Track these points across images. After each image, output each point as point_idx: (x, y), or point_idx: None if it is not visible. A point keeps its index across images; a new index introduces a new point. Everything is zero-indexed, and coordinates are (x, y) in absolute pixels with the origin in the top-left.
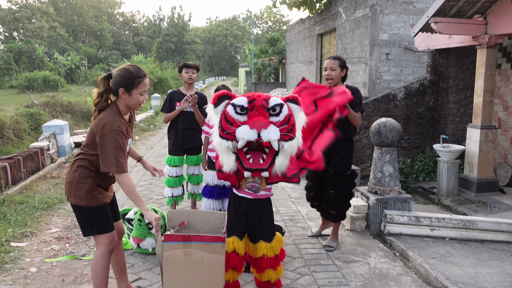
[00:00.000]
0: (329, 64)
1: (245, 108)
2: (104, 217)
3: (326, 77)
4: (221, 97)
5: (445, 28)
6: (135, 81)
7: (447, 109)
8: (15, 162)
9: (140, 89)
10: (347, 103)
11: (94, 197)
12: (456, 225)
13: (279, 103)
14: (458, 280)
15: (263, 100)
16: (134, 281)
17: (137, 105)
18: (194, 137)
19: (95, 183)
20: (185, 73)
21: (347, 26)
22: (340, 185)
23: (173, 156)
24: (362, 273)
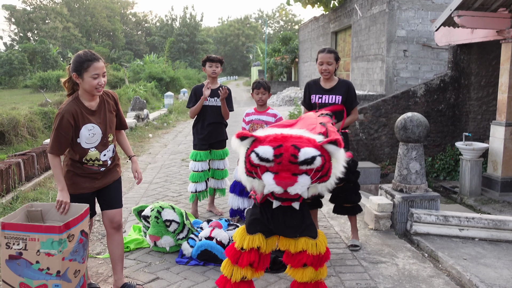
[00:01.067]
0: (326, 58)
1: (270, 160)
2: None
3: (322, 71)
4: (244, 137)
5: (469, 22)
6: (84, 64)
7: (468, 106)
8: (28, 158)
9: (91, 72)
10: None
11: (69, 186)
12: (486, 225)
13: (310, 156)
14: (494, 283)
15: (291, 156)
16: (151, 281)
17: (92, 88)
18: (220, 131)
19: (71, 171)
20: (209, 67)
21: (363, 23)
22: (348, 175)
23: (199, 150)
24: (391, 275)
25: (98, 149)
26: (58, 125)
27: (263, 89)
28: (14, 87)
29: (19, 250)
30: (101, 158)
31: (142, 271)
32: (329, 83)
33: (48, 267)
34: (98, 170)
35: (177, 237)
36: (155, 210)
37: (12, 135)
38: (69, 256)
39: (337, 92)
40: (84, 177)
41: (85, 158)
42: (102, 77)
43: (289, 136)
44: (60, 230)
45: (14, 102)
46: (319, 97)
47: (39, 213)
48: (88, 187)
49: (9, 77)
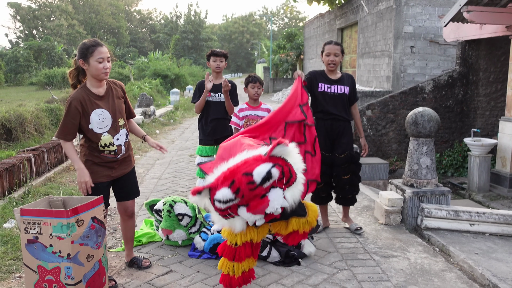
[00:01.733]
0: (333, 49)
1: (233, 199)
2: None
3: (329, 62)
4: (199, 192)
5: (478, 17)
6: (90, 49)
7: (476, 102)
8: (39, 153)
9: (96, 56)
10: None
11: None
12: (497, 220)
13: (265, 173)
14: (506, 277)
15: (248, 184)
16: (165, 274)
17: (98, 72)
18: (225, 127)
19: (89, 161)
20: (213, 61)
21: (370, 19)
22: (355, 168)
23: (204, 145)
24: (403, 269)
25: (110, 133)
26: (66, 111)
27: (258, 83)
28: (20, 85)
29: (35, 234)
30: (114, 143)
31: (155, 264)
32: (334, 74)
33: (59, 250)
34: (115, 158)
35: (190, 231)
36: (168, 204)
37: (19, 132)
38: (79, 240)
39: (345, 83)
40: (102, 166)
41: (100, 143)
42: (107, 62)
43: (235, 168)
44: (68, 214)
45: (20, 99)
46: (328, 86)
47: (60, 203)
48: (106, 176)
49: (14, 74)
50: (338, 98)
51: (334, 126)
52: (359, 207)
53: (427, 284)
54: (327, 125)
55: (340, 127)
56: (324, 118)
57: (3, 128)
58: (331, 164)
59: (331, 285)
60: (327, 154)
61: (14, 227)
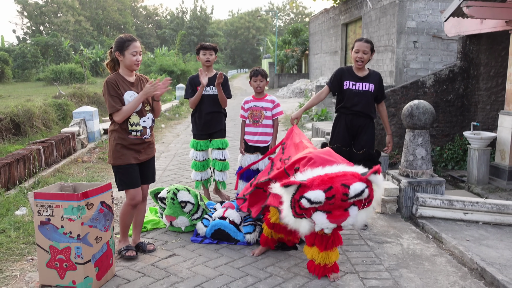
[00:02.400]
0: (363, 46)
1: (322, 202)
2: (128, 176)
3: (357, 59)
4: (289, 185)
5: (478, 12)
6: (125, 44)
7: (477, 97)
8: (48, 145)
9: (131, 50)
10: None
11: (118, 157)
12: (490, 209)
13: (360, 191)
14: (494, 261)
15: (343, 195)
16: (168, 257)
17: (131, 63)
18: (219, 121)
19: (119, 144)
20: (203, 55)
21: (373, 14)
22: (373, 164)
23: (198, 140)
24: (395, 253)
25: (138, 114)
26: (107, 88)
27: (260, 76)
28: (27, 80)
29: (48, 216)
30: (140, 123)
31: (159, 248)
32: (362, 72)
33: (70, 231)
34: (140, 139)
35: (192, 218)
36: (171, 192)
37: (28, 126)
38: (89, 222)
39: (371, 80)
40: (130, 149)
41: (129, 121)
42: (139, 55)
43: (334, 176)
44: (78, 197)
45: (28, 94)
46: (353, 83)
47: (71, 188)
48: (134, 158)
49: (22, 70)
50: (363, 95)
51: (355, 121)
52: None
53: (417, 267)
54: (347, 119)
55: (361, 123)
56: (346, 113)
57: (12, 122)
58: (349, 159)
59: None
60: (345, 148)
61: (25, 214)
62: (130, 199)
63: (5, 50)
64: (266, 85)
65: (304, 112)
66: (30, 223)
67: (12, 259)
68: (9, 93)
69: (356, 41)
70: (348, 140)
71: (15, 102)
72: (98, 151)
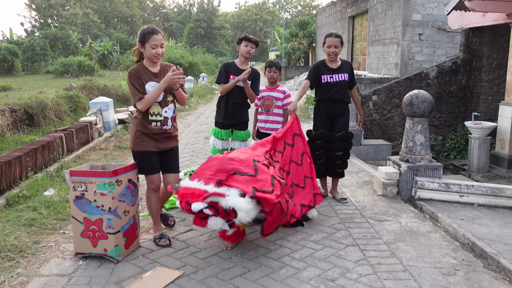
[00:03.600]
0: (334, 42)
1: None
2: (145, 162)
3: (330, 53)
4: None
5: (479, 6)
6: (146, 36)
7: (479, 88)
8: (69, 133)
9: (151, 43)
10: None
11: (138, 144)
12: (485, 192)
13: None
14: (484, 237)
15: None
16: (187, 231)
17: (151, 56)
18: (243, 113)
19: (139, 131)
20: (244, 46)
21: (379, 7)
22: (348, 145)
23: (220, 129)
24: (394, 230)
25: (160, 104)
26: (129, 78)
27: (275, 68)
28: (37, 73)
29: (82, 191)
30: (162, 113)
31: (178, 224)
32: (335, 63)
33: (102, 205)
34: (160, 129)
35: None
36: (188, 173)
37: (41, 118)
38: (118, 197)
39: (343, 70)
40: (150, 137)
41: (150, 111)
42: (160, 48)
43: (185, 193)
44: (110, 175)
45: (39, 87)
46: (330, 76)
47: (100, 167)
48: (153, 146)
49: (31, 63)
50: (339, 85)
51: (334, 108)
52: (360, 182)
53: (413, 241)
54: (328, 107)
55: (339, 108)
56: (326, 102)
57: (26, 114)
58: (329, 141)
59: (330, 241)
60: (327, 132)
61: (53, 195)
62: (149, 184)
63: (14, 43)
64: (279, 76)
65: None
66: (59, 202)
67: (46, 232)
68: (20, 85)
69: (327, 36)
70: (329, 125)
71: (28, 94)
72: (114, 140)
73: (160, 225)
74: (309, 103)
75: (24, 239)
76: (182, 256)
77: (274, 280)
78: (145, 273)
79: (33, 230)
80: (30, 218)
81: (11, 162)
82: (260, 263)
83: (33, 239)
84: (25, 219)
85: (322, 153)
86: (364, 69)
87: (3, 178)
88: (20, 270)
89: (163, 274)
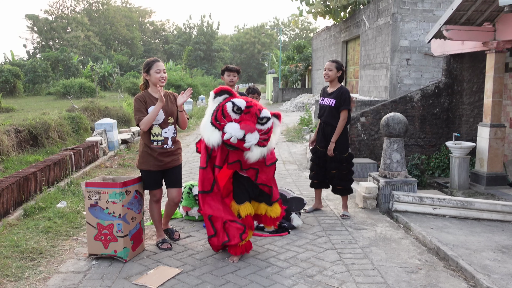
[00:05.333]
0: (327, 65)
1: (242, 110)
2: (148, 179)
3: (324, 75)
4: (223, 91)
5: (456, 35)
6: (149, 64)
7: (461, 110)
8: (77, 152)
9: (155, 68)
10: None
11: (142, 163)
12: (455, 204)
13: (268, 116)
14: (449, 243)
15: (258, 110)
16: (186, 237)
17: (156, 80)
18: None
19: (144, 151)
20: (227, 76)
21: (370, 33)
22: (340, 165)
23: None
24: (369, 237)
25: (160, 126)
26: (135, 103)
27: (257, 94)
28: (38, 94)
29: (96, 200)
30: (162, 134)
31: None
32: (332, 88)
33: (113, 211)
34: (162, 148)
35: None
36: (187, 187)
37: (44, 138)
38: (127, 205)
39: (333, 96)
40: (153, 157)
41: (151, 132)
42: (163, 73)
43: (255, 102)
44: (120, 185)
45: (41, 108)
46: (322, 99)
47: (111, 180)
48: (155, 165)
49: (33, 84)
50: (325, 108)
51: (325, 129)
52: None
53: (385, 246)
54: (321, 127)
55: (329, 130)
56: (321, 122)
57: (30, 134)
58: (324, 158)
59: (311, 246)
60: (322, 149)
61: (65, 207)
62: (151, 197)
63: (16, 64)
64: (258, 99)
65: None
66: (71, 213)
67: (61, 238)
68: (22, 106)
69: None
70: (324, 143)
71: (32, 115)
72: (118, 158)
73: (162, 231)
74: (303, 124)
75: (42, 243)
76: (181, 257)
77: (261, 276)
78: (149, 270)
79: (49, 236)
80: (47, 226)
81: (28, 177)
82: (249, 262)
83: (51, 244)
84: (42, 227)
85: (313, 166)
86: (357, 92)
87: (22, 191)
88: (42, 268)
89: (165, 271)
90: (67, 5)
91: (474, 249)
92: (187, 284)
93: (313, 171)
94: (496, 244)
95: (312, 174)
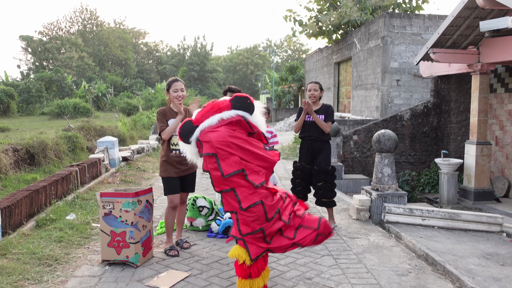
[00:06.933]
0: (313, 86)
1: None
2: (168, 184)
3: (310, 95)
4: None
5: (442, 58)
6: (169, 84)
7: (449, 129)
8: (82, 168)
9: (173, 88)
10: None
11: (163, 171)
12: (444, 216)
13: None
14: (437, 250)
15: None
16: (192, 246)
17: (173, 98)
18: None
19: (164, 161)
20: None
21: (361, 55)
22: (326, 177)
23: None
24: (363, 244)
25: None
26: (157, 115)
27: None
28: (31, 114)
29: (110, 209)
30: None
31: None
32: (316, 106)
33: (126, 220)
34: (180, 156)
35: (208, 219)
36: (191, 199)
37: (41, 157)
38: (139, 213)
39: (321, 112)
40: (171, 165)
41: (171, 142)
42: (180, 92)
43: None
44: (133, 195)
45: (35, 128)
46: (308, 117)
47: (122, 190)
48: (174, 172)
49: (26, 104)
50: (315, 124)
51: (313, 145)
52: (339, 209)
53: (378, 253)
54: (308, 144)
55: (318, 146)
56: (307, 139)
57: (27, 153)
58: (310, 174)
59: (309, 253)
60: (308, 166)
61: (74, 219)
62: (169, 202)
63: (10, 85)
64: (268, 118)
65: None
66: (80, 224)
67: (74, 247)
68: (17, 126)
69: (309, 83)
70: (310, 159)
71: (29, 134)
72: (120, 175)
73: (171, 238)
74: (297, 143)
75: (57, 251)
76: (189, 263)
77: None
78: (160, 274)
79: (62, 245)
80: (59, 236)
81: (39, 191)
82: None
83: (64, 252)
84: (54, 237)
85: (300, 182)
86: (349, 111)
87: (34, 204)
88: (59, 273)
89: (175, 274)
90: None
91: (460, 255)
92: (196, 285)
93: (300, 187)
94: (481, 251)
95: (299, 189)
